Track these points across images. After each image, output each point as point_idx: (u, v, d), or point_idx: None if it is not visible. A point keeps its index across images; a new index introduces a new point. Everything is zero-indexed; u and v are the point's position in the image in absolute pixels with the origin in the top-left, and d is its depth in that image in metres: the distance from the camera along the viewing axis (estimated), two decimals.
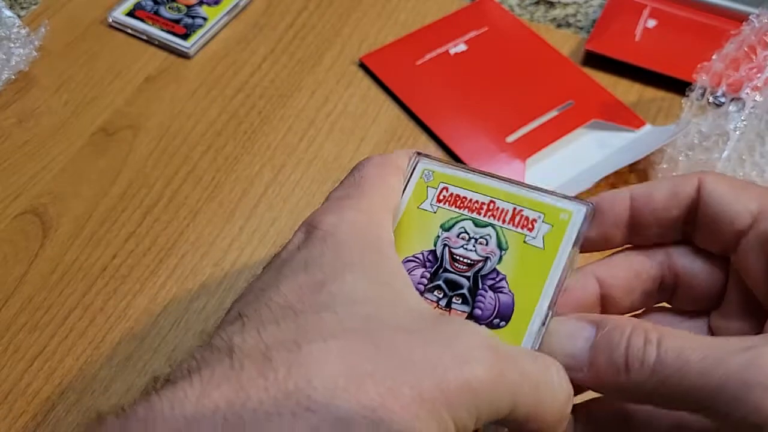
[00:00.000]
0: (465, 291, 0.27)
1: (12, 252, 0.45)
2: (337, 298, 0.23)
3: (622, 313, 0.30)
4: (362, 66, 0.55)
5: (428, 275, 0.27)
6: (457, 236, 0.28)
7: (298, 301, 0.23)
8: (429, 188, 0.29)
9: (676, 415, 0.27)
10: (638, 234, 0.29)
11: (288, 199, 0.47)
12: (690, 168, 0.45)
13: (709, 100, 0.46)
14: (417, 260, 0.28)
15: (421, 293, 0.27)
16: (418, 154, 0.29)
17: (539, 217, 0.27)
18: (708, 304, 0.29)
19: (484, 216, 0.28)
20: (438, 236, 0.28)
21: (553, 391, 0.24)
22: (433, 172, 0.29)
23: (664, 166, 0.46)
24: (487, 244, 0.27)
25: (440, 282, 0.27)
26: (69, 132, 0.51)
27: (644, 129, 0.50)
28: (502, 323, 0.26)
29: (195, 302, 0.43)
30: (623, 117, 0.51)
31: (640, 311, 0.31)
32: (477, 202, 0.28)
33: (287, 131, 0.51)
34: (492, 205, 0.28)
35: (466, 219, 0.28)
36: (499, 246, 0.27)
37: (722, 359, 0.22)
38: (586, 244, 0.28)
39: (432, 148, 0.50)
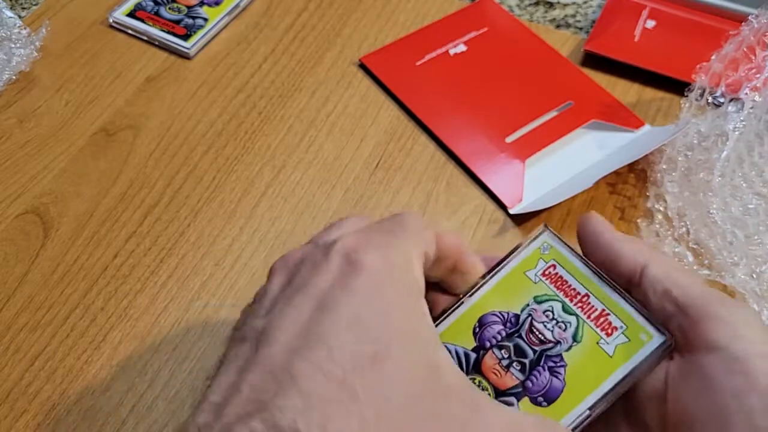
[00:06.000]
0: (527, 361, 0.28)
1: (13, 252, 0.45)
2: (390, 378, 0.23)
3: None
4: (362, 66, 0.55)
5: (504, 334, 0.29)
6: (543, 312, 0.29)
7: (355, 375, 0.23)
8: (540, 260, 0.30)
9: None
10: None
11: (288, 199, 0.48)
12: (689, 167, 0.46)
13: (708, 101, 0.46)
14: (501, 317, 0.29)
15: (492, 345, 0.29)
16: (546, 226, 0.31)
17: (621, 327, 0.28)
18: None
19: (575, 305, 0.29)
20: (528, 305, 0.29)
21: None
22: (552, 247, 0.30)
23: (663, 166, 0.47)
24: (564, 330, 0.29)
25: (511, 344, 0.29)
26: (70, 132, 0.51)
27: (643, 129, 0.50)
28: (544, 403, 0.27)
29: (196, 302, 0.43)
30: (622, 117, 0.51)
31: None
32: (574, 290, 0.29)
33: (287, 131, 0.51)
34: (586, 298, 0.29)
35: (558, 301, 0.29)
36: (574, 337, 0.28)
37: None
38: None
39: (432, 148, 0.50)
